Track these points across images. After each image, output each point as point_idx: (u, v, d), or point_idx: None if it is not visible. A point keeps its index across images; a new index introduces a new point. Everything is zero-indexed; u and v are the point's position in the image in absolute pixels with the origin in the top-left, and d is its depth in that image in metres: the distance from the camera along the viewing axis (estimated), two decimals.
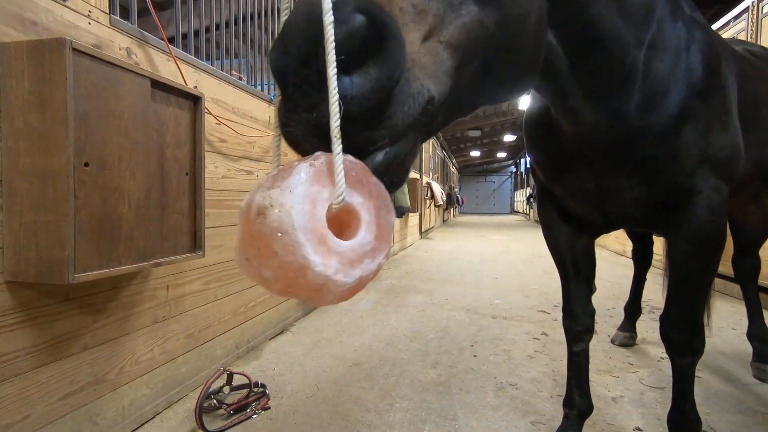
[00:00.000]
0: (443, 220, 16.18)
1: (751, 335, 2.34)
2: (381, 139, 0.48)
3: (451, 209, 19.44)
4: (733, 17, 4.12)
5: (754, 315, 2.35)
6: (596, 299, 4.37)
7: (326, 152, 0.47)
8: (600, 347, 2.75)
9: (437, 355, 2.57)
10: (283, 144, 0.54)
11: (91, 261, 1.23)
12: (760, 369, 2.24)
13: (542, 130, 1.34)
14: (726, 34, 4.23)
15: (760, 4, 3.73)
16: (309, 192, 0.44)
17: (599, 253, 7.48)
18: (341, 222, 0.48)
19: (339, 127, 0.45)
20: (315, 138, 0.48)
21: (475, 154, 24.82)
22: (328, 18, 0.43)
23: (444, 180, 15.78)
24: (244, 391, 1.91)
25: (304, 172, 0.45)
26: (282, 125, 0.51)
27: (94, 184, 1.23)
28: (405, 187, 5.77)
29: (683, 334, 1.36)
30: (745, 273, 2.36)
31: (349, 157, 0.48)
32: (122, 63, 1.33)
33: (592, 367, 2.41)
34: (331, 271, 0.44)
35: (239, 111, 2.39)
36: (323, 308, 3.59)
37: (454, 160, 21.16)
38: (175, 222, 1.60)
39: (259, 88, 2.83)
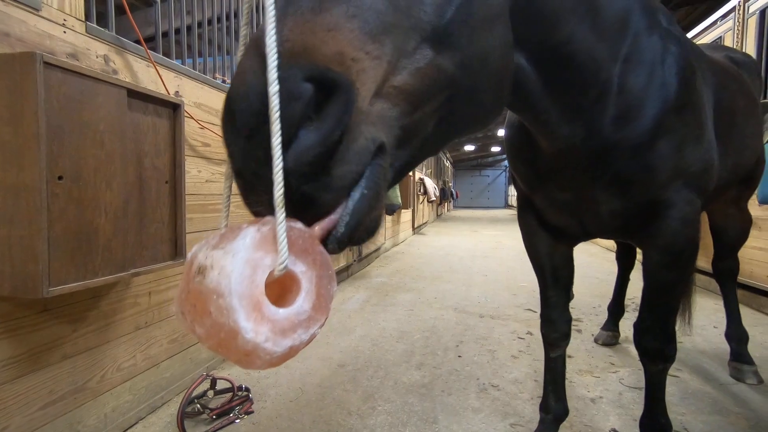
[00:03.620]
0: (437, 215, 16.22)
1: (728, 335, 2.39)
2: (330, 198, 0.48)
3: (446, 203, 19.48)
4: (721, 16, 4.14)
5: (732, 315, 2.39)
6: (582, 296, 4.42)
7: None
8: (583, 346, 2.79)
9: (422, 355, 2.60)
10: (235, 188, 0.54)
11: (67, 274, 1.23)
12: (736, 369, 2.29)
13: (521, 140, 1.35)
14: (714, 33, 4.25)
15: (746, 4, 3.74)
16: (251, 258, 0.45)
17: (589, 249, 7.56)
18: (284, 286, 0.49)
19: (282, 197, 0.46)
20: (266, 206, 0.48)
21: (470, 148, 24.83)
22: (273, 89, 0.43)
23: (438, 175, 15.78)
24: (228, 395, 1.93)
25: (250, 237, 0.46)
26: (239, 187, 0.52)
27: (68, 197, 1.23)
28: (396, 185, 5.77)
29: (656, 342, 1.39)
30: (725, 274, 2.40)
31: (299, 225, 0.48)
32: (97, 74, 1.32)
33: (574, 367, 2.47)
34: (261, 338, 0.44)
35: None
36: None
37: (448, 155, 21.13)
38: (155, 230, 1.60)
39: None
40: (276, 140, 0.43)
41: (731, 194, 2.09)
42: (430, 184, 10.73)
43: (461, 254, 6.93)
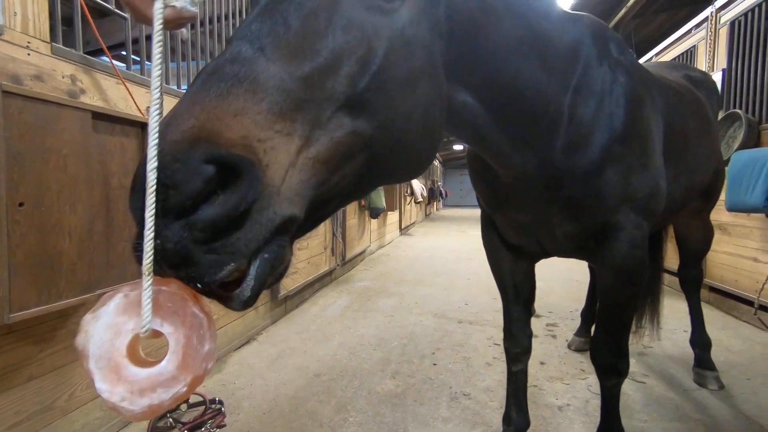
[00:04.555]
0: (425, 215, 16.28)
1: (693, 342, 2.47)
2: (229, 264, 0.50)
3: (435, 203, 19.54)
4: (695, 25, 4.23)
5: (696, 323, 2.47)
6: (561, 300, 4.50)
7: (158, 278, 0.51)
8: (557, 352, 2.86)
9: (398, 364, 2.64)
10: None
11: (29, 299, 1.25)
12: (699, 374, 2.37)
13: (482, 163, 1.38)
14: (689, 42, 4.34)
15: (718, 15, 3.83)
16: (113, 322, 0.49)
17: None
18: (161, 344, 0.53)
19: (150, 266, 0.49)
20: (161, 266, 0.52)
21: (458, 147, 24.91)
22: (151, 165, 0.47)
23: (426, 175, 15.84)
24: (201, 409, 1.95)
25: (114, 303, 0.51)
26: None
27: (29, 223, 1.24)
28: (380, 188, 5.81)
29: (609, 358, 1.44)
30: (689, 283, 2.47)
31: (170, 288, 0.52)
32: (59, 99, 1.33)
33: (545, 374, 2.53)
34: (116, 398, 0.49)
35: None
36: (292, 315, 3.64)
37: (437, 154, 21.19)
38: (123, 249, 1.61)
39: None
40: (149, 213, 0.47)
41: (693, 207, 2.15)
42: (417, 185, 10.77)
43: (446, 256, 6.98)
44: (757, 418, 2.02)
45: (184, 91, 2.53)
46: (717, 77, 3.79)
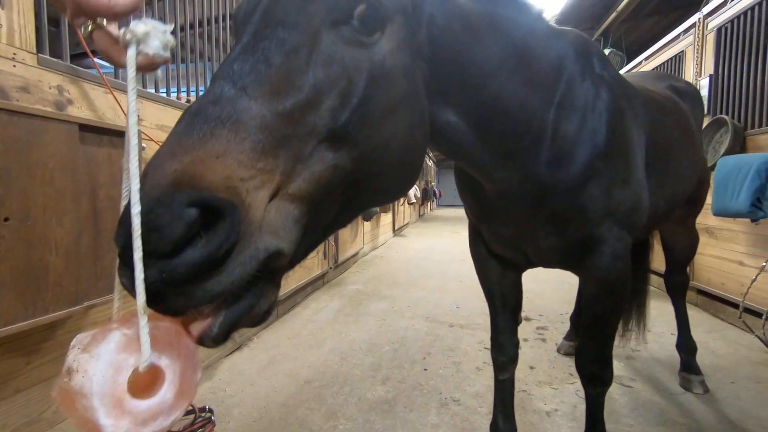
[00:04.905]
0: (419, 215, 16.31)
1: (679, 346, 2.51)
2: (210, 300, 0.52)
3: (428, 203, 19.58)
4: (683, 31, 4.28)
5: (682, 327, 2.50)
6: (551, 303, 4.53)
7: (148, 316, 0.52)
8: (546, 356, 2.88)
9: (389, 369, 2.65)
10: None
11: (15, 313, 1.25)
12: (685, 378, 2.41)
13: (468, 176, 1.40)
14: (677, 47, 4.40)
15: (706, 21, 3.88)
16: (114, 360, 0.51)
17: None
18: (153, 374, 0.54)
19: (144, 305, 0.50)
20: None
21: None
22: (136, 209, 0.48)
23: (420, 175, 15.85)
24: (191, 417, 1.95)
25: (114, 341, 0.52)
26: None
27: (15, 237, 1.24)
28: None
29: (594, 367, 1.46)
30: (675, 289, 2.51)
31: (165, 323, 0.53)
32: (45, 113, 1.33)
33: (534, 378, 2.56)
34: (121, 430, 0.50)
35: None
36: (284, 319, 3.64)
37: (431, 154, 21.25)
38: (111, 260, 1.61)
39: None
40: (137, 255, 0.48)
41: (678, 215, 2.19)
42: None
43: (439, 258, 7.01)
44: (739, 422, 2.06)
45: (173, 97, 2.53)
46: (704, 83, 3.84)
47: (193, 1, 2.66)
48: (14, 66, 1.45)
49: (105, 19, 0.58)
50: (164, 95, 2.27)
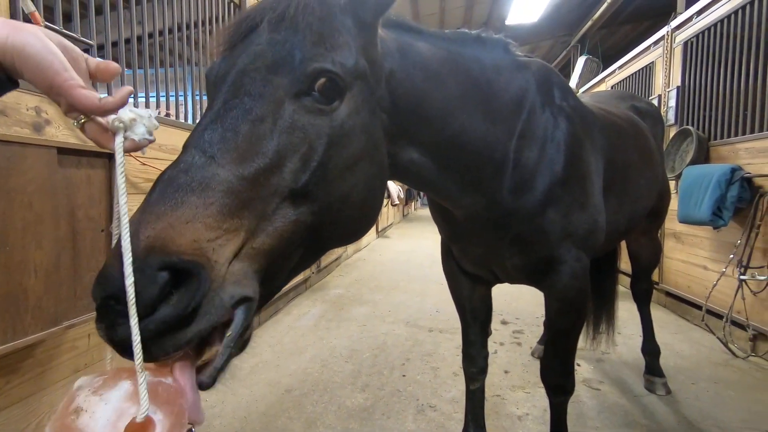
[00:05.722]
0: (403, 215, 16.40)
1: (644, 350, 2.64)
2: (182, 348, 0.58)
3: (412, 203, 19.70)
4: (653, 42, 4.44)
5: (647, 331, 2.64)
6: (528, 306, 4.65)
7: (152, 372, 0.58)
8: (520, 360, 2.99)
9: (368, 376, 2.72)
10: None
11: None
12: (649, 381, 2.53)
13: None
14: (647, 58, 4.56)
15: (674, 34, 4.04)
16: (120, 407, 0.56)
17: None
18: (146, 426, 0.59)
19: (142, 364, 0.55)
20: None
21: None
22: (129, 281, 0.53)
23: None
24: None
25: (124, 389, 0.57)
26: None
27: None
28: None
29: (557, 378, 1.56)
30: (639, 296, 2.64)
31: (167, 381, 0.59)
32: (23, 139, 1.35)
33: (509, 382, 2.65)
34: None
35: (167, 147, 2.40)
36: (266, 326, 3.67)
37: None
38: (90, 280, 1.63)
39: (189, 97, 2.84)
40: (134, 321, 0.53)
41: (642, 227, 2.31)
42: (394, 188, 10.86)
43: (421, 260, 7.10)
44: (697, 423, 2.19)
45: (152, 101, 2.54)
46: (672, 94, 4.01)
47: (173, 5, 2.67)
48: None
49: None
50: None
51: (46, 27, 1.47)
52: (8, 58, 0.56)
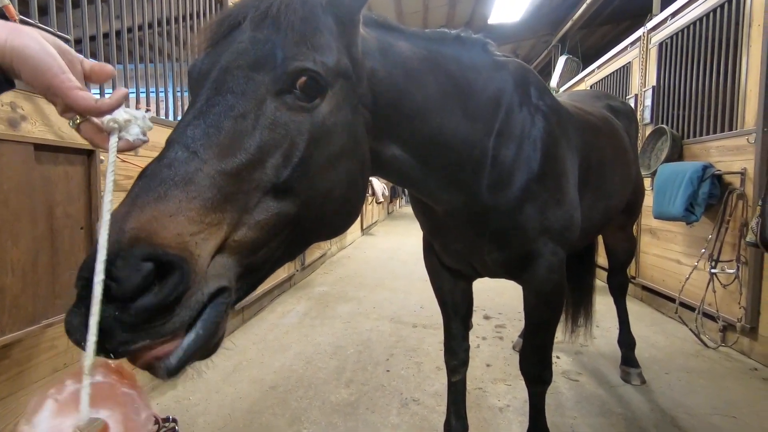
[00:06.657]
0: (388, 213, 16.44)
1: (620, 342, 2.72)
2: (166, 337, 0.59)
3: (397, 200, 19.75)
4: (630, 43, 4.55)
5: (623, 325, 2.72)
6: (511, 301, 4.73)
7: (79, 375, 0.55)
8: (502, 354, 3.05)
9: (353, 372, 2.74)
10: None
11: None
12: (625, 371, 2.62)
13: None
14: (624, 58, 4.67)
15: (650, 35, 4.15)
16: (52, 425, 0.53)
17: None
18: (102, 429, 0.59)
19: (91, 367, 0.54)
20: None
21: None
22: (98, 278, 0.53)
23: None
24: (155, 428, 1.97)
25: (48, 409, 0.54)
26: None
27: None
28: None
29: (535, 369, 1.61)
30: (616, 289, 2.72)
31: (95, 379, 0.57)
32: None
33: (490, 376, 2.71)
34: None
35: (147, 144, 2.37)
36: (251, 323, 3.66)
37: None
38: (69, 278, 1.61)
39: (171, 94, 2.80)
40: (93, 320, 0.52)
41: (618, 222, 2.38)
42: (378, 185, 10.87)
43: (406, 257, 7.14)
44: (669, 411, 2.27)
45: (131, 97, 2.50)
46: (648, 93, 4.12)
47: (152, 1, 2.63)
48: None
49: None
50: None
51: (21, 21, 1.45)
52: (7, 59, 0.57)
